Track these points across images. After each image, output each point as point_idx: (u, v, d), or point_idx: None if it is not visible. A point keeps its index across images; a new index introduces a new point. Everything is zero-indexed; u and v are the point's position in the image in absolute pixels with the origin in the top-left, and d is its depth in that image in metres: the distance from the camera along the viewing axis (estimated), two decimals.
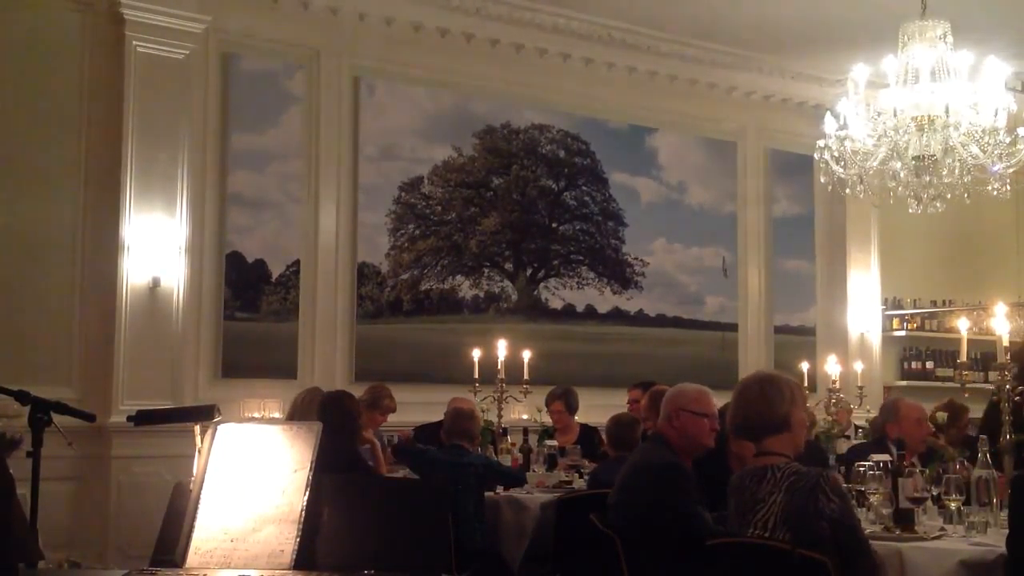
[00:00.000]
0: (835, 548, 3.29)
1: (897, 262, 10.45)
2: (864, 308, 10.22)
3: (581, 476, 6.28)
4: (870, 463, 4.50)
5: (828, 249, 10.30)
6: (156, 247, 6.99)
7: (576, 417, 7.40)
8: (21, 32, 6.94)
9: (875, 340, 10.27)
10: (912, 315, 10.59)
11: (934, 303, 10.67)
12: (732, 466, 4.17)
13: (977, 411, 7.62)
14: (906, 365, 10.59)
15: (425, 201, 8.40)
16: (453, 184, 8.53)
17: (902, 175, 6.40)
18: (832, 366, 7.96)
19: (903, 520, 4.10)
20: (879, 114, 6.40)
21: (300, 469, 2.54)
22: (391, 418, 6.92)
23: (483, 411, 6.88)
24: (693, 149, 9.79)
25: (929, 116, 6.23)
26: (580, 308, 9.04)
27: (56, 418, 3.74)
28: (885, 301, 10.42)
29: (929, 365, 10.54)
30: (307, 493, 2.50)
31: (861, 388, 8.43)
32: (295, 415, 6.01)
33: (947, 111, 6.17)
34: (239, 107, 7.62)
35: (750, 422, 3.57)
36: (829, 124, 6.54)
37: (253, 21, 7.62)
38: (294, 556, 2.45)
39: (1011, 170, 6.33)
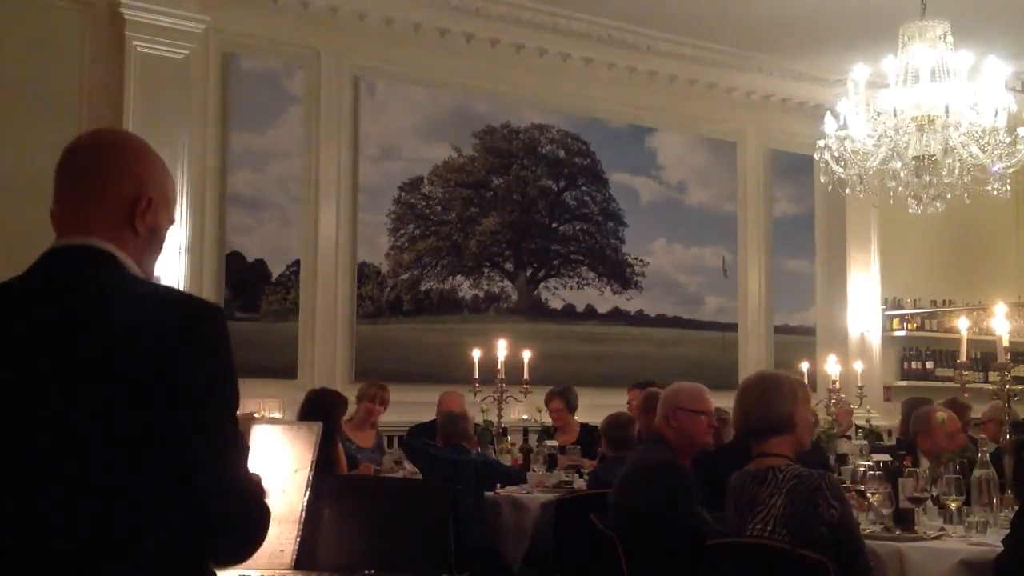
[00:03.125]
0: (832, 551, 3.28)
1: (897, 262, 10.44)
2: (864, 308, 10.21)
3: (581, 476, 6.28)
4: (870, 463, 4.50)
5: (828, 249, 10.29)
6: None
7: (576, 417, 7.40)
8: (21, 32, 6.94)
9: (875, 340, 10.26)
10: (912, 315, 10.57)
11: (934, 303, 10.65)
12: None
13: (977, 411, 7.63)
14: (906, 365, 10.57)
15: (425, 201, 8.40)
16: (453, 184, 8.52)
17: (902, 175, 6.40)
18: (832, 366, 7.96)
19: (903, 520, 4.09)
20: (879, 114, 6.40)
21: (300, 469, 2.54)
22: (392, 418, 6.92)
23: (483, 411, 6.88)
24: (693, 149, 9.78)
25: (929, 116, 6.23)
26: (580, 308, 9.04)
27: None
28: (885, 301, 10.41)
29: (929, 365, 10.51)
30: (307, 493, 2.50)
31: (861, 388, 8.42)
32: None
33: (947, 111, 6.16)
34: (239, 107, 7.62)
35: (752, 424, 3.55)
36: (829, 124, 6.54)
37: (253, 21, 7.62)
38: (294, 556, 2.45)
39: (1011, 170, 6.33)
